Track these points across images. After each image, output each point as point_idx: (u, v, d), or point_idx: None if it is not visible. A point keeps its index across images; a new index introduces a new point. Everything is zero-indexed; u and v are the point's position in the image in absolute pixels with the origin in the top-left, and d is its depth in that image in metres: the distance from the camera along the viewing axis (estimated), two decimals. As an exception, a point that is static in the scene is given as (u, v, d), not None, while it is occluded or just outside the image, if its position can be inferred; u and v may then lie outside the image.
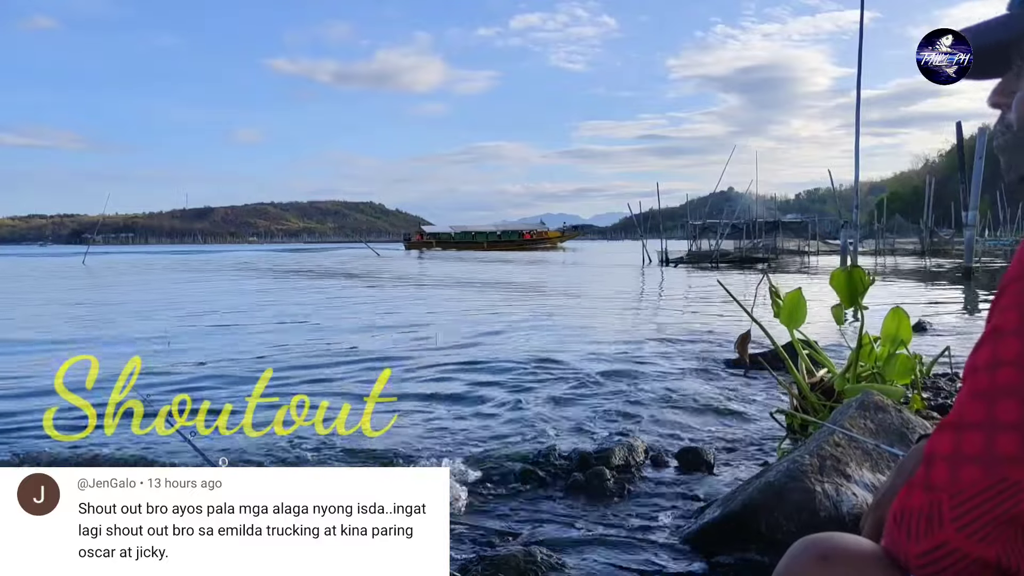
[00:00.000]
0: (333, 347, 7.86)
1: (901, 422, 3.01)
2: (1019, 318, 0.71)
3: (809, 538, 0.85)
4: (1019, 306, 0.71)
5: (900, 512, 0.77)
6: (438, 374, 6.23)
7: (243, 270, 32.52)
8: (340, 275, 26.93)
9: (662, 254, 34.75)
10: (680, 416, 4.63)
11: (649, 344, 7.91)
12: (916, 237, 46.36)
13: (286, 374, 6.19)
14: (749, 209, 55.91)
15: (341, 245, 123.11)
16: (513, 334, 8.88)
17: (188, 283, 22.42)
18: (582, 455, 3.50)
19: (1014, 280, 0.73)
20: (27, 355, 7.47)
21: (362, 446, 3.90)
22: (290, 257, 55.18)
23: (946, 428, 0.75)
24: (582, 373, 6.14)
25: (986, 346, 0.73)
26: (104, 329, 9.88)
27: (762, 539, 2.47)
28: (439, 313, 11.82)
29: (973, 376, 0.74)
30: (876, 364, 4.01)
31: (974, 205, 23.41)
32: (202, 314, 11.81)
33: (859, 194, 20.83)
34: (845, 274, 4.04)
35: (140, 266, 39.15)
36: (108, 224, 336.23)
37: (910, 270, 25.90)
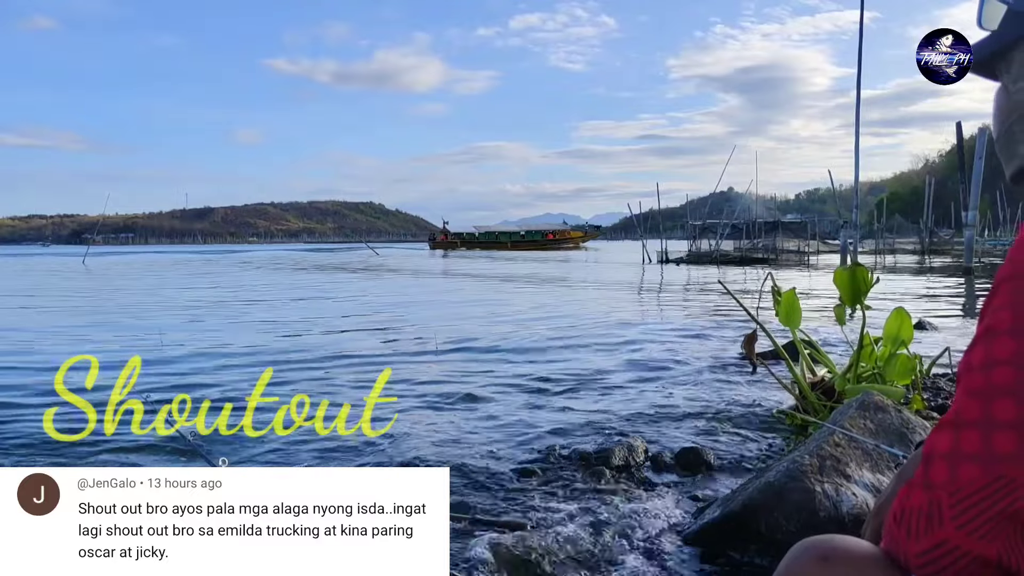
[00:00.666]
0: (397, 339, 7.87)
1: (901, 422, 3.01)
2: (1012, 317, 0.72)
3: (809, 540, 0.85)
4: (1012, 306, 0.72)
5: (900, 511, 0.77)
6: (440, 373, 6.23)
7: (300, 267, 33.36)
8: (403, 272, 27.70)
9: (662, 254, 34.89)
10: (680, 416, 4.63)
11: (649, 343, 7.91)
12: (916, 237, 46.40)
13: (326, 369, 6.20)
14: (749, 209, 55.96)
15: (358, 244, 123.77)
16: (517, 329, 8.88)
17: (286, 281, 22.66)
18: (582, 455, 3.50)
19: (1006, 280, 0.74)
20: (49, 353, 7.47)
21: (362, 446, 3.90)
22: (323, 256, 55.81)
23: (944, 427, 0.76)
24: (583, 372, 6.14)
25: (980, 346, 0.74)
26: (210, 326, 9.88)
27: (762, 539, 2.47)
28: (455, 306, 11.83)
29: (969, 375, 0.75)
30: (877, 364, 4.02)
31: (974, 205, 23.43)
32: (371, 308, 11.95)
33: (859, 194, 20.84)
34: (848, 273, 4.04)
35: (192, 263, 40.10)
36: (108, 224, 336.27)
37: (910, 270, 25.90)
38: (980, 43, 0.86)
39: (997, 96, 0.86)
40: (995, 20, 0.83)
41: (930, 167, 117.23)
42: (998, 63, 0.85)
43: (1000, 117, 0.86)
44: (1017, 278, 0.73)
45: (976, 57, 0.86)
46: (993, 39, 0.84)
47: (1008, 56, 0.83)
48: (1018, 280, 0.73)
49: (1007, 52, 0.83)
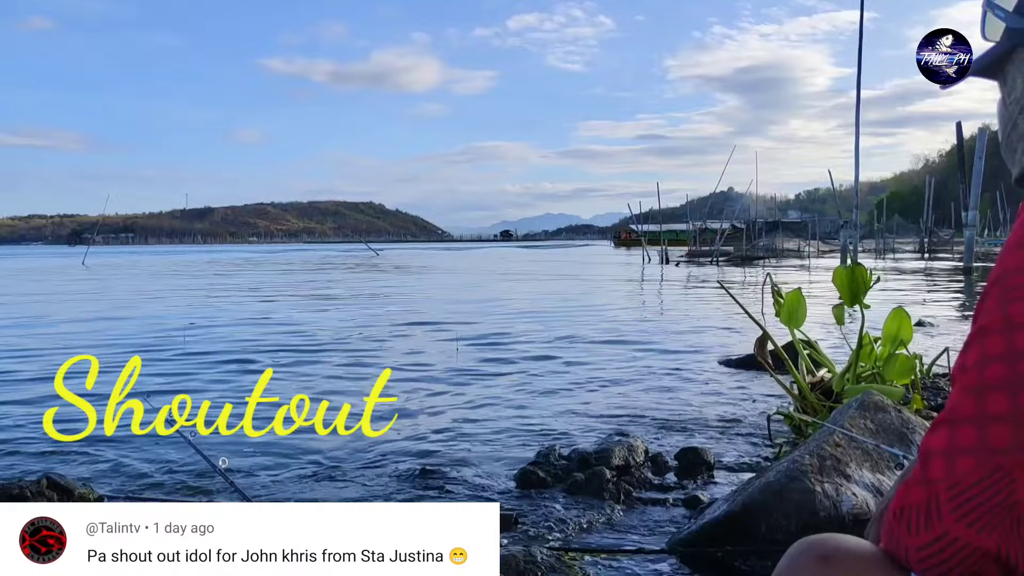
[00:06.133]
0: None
1: (901, 422, 3.01)
2: (1003, 317, 0.74)
3: (809, 539, 0.85)
4: (1002, 306, 0.74)
5: (899, 508, 0.78)
6: (441, 373, 6.23)
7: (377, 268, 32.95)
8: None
9: (662, 253, 35.08)
10: (680, 416, 4.63)
11: (649, 343, 7.92)
12: (916, 237, 46.41)
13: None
14: (748, 209, 55.97)
15: (387, 243, 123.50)
16: (522, 327, 8.88)
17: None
18: (582, 455, 3.50)
19: (996, 282, 0.76)
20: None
21: (362, 445, 3.90)
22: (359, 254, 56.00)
23: (940, 425, 0.77)
24: (583, 372, 6.14)
25: (974, 346, 0.76)
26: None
27: (762, 539, 2.47)
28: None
29: (963, 375, 0.76)
30: (876, 364, 4.01)
31: (974, 205, 23.45)
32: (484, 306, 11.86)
33: (859, 194, 20.83)
34: (847, 272, 4.04)
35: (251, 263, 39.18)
36: (108, 224, 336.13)
37: (910, 270, 25.91)
38: (983, 54, 0.89)
39: (998, 105, 0.89)
40: (997, 33, 0.86)
41: (930, 167, 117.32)
42: (997, 73, 0.88)
43: (1000, 125, 0.90)
44: (1005, 279, 0.75)
45: (977, 66, 0.89)
46: (994, 51, 0.87)
47: (1004, 68, 0.86)
48: (1006, 281, 0.75)
49: (1004, 64, 0.86)
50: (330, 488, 3.36)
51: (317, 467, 3.64)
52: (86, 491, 3.03)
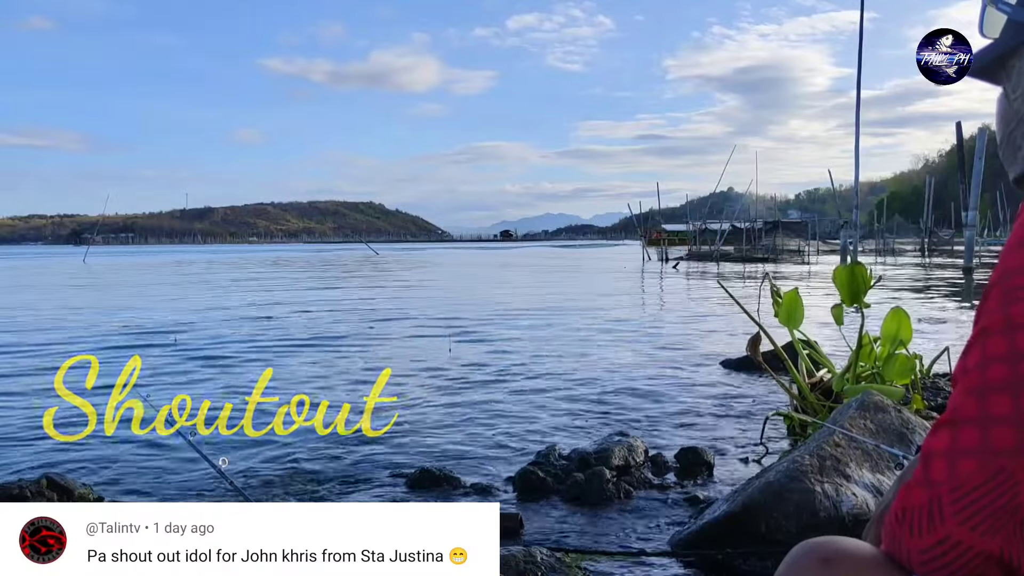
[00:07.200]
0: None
1: (901, 422, 3.01)
2: (1005, 318, 0.73)
3: (810, 542, 0.85)
4: (1004, 307, 0.74)
5: (901, 510, 0.77)
6: (441, 372, 6.22)
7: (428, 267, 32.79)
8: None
9: (662, 253, 35.13)
10: (680, 416, 4.63)
11: (649, 343, 7.91)
12: (916, 237, 46.39)
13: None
14: (748, 209, 55.93)
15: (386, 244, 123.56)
16: (523, 326, 8.88)
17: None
18: (582, 455, 3.49)
19: (997, 283, 0.75)
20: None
21: (362, 445, 3.90)
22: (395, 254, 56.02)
23: (942, 426, 0.76)
24: (584, 372, 6.14)
25: (976, 347, 0.75)
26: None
27: (762, 539, 2.47)
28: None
29: (965, 376, 0.76)
30: (876, 364, 4.01)
31: (974, 205, 23.42)
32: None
33: (859, 194, 20.81)
34: (847, 271, 4.03)
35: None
36: (108, 224, 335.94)
37: (910, 270, 25.89)
38: (982, 51, 0.87)
39: (999, 102, 0.88)
40: (996, 29, 0.84)
41: (930, 167, 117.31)
42: (999, 70, 0.86)
43: (1001, 123, 0.88)
44: (1006, 280, 0.74)
45: (977, 64, 0.88)
46: (994, 47, 0.85)
47: (1008, 64, 0.85)
48: (1007, 282, 0.74)
49: (1007, 60, 0.84)
50: (330, 488, 3.36)
51: (317, 467, 3.63)
52: (86, 491, 3.03)
